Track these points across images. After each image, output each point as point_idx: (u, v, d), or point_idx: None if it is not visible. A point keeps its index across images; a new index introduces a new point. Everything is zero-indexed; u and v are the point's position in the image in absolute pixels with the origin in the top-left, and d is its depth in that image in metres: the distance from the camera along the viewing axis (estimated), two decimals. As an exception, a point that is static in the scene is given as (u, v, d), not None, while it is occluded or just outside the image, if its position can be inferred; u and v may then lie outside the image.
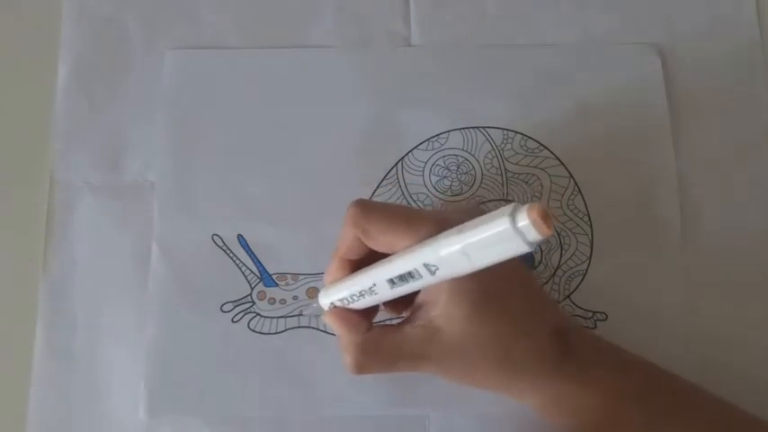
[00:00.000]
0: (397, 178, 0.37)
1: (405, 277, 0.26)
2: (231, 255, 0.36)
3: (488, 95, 0.39)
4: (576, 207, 0.37)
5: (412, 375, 0.34)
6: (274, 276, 0.36)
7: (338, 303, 0.30)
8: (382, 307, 0.31)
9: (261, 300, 0.36)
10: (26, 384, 0.35)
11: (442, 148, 0.38)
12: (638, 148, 0.38)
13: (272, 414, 0.35)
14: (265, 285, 0.36)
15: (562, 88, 0.39)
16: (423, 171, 0.38)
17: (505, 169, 0.38)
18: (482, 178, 0.37)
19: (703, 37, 0.40)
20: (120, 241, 0.37)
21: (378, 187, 0.37)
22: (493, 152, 0.38)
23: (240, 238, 0.37)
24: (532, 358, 0.29)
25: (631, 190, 0.37)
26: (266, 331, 0.35)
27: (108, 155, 0.38)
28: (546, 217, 0.20)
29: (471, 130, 0.38)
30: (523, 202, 0.22)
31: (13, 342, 0.36)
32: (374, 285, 0.27)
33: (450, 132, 0.38)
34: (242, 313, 0.36)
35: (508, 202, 0.37)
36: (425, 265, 0.25)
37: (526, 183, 0.37)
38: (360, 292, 0.28)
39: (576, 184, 0.37)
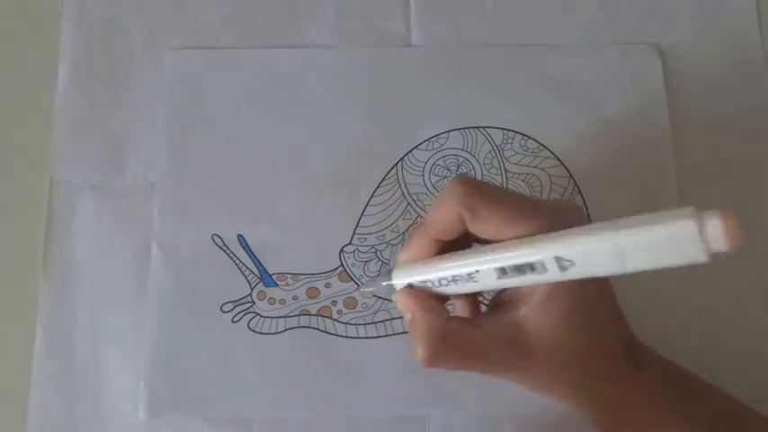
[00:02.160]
0: (397, 178, 0.37)
1: (523, 268, 0.23)
2: (231, 255, 0.36)
3: (488, 95, 0.39)
4: (576, 207, 0.37)
5: (411, 375, 0.35)
6: (274, 276, 0.36)
7: (417, 285, 0.27)
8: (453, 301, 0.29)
9: (261, 300, 0.36)
10: (26, 384, 0.35)
11: (442, 148, 0.38)
12: (638, 148, 0.38)
13: (272, 414, 0.35)
14: (265, 285, 0.36)
15: (562, 88, 0.39)
16: (423, 171, 0.38)
17: (505, 169, 0.38)
18: (482, 178, 0.37)
19: (703, 37, 0.40)
20: (120, 241, 0.37)
21: (378, 187, 0.37)
22: (493, 152, 0.38)
23: (240, 238, 0.37)
24: (607, 370, 0.27)
25: (631, 190, 0.37)
26: (266, 331, 0.35)
27: (108, 155, 0.38)
28: (738, 227, 0.19)
29: (471, 130, 0.38)
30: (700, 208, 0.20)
31: (13, 342, 0.36)
32: (476, 272, 0.25)
33: (451, 132, 0.38)
34: (242, 313, 0.36)
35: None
36: (557, 258, 0.22)
37: (526, 183, 0.37)
38: (453, 277, 0.26)
39: (575, 184, 0.37)
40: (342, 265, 0.36)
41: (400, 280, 0.28)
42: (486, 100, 0.38)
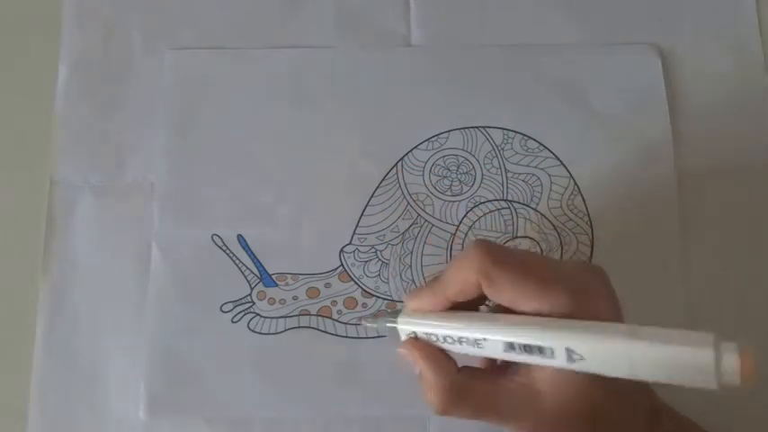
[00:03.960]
0: (397, 178, 0.37)
1: (531, 349, 0.24)
2: (231, 255, 0.36)
3: (488, 95, 0.39)
4: (575, 207, 0.37)
5: (411, 375, 0.35)
6: (274, 276, 0.36)
7: (422, 336, 0.27)
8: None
9: (261, 300, 0.36)
10: (26, 384, 0.35)
11: (442, 147, 0.38)
12: (638, 148, 0.38)
13: (272, 414, 0.35)
14: (265, 285, 0.36)
15: (562, 88, 0.39)
16: (423, 171, 0.38)
17: (505, 169, 0.38)
18: (482, 178, 0.37)
19: (703, 37, 0.40)
20: (120, 241, 0.37)
21: (378, 187, 0.37)
22: (493, 152, 0.38)
23: (240, 238, 0.37)
24: None
25: (631, 190, 0.37)
26: (266, 331, 0.35)
27: (108, 155, 0.38)
28: (754, 366, 0.19)
29: (471, 130, 0.38)
30: (724, 337, 0.20)
31: (13, 342, 0.36)
32: (484, 340, 0.25)
33: (451, 132, 0.38)
34: (242, 313, 0.36)
35: (508, 201, 0.37)
36: (568, 350, 0.23)
37: (526, 183, 0.37)
38: (459, 338, 0.26)
39: (575, 184, 0.37)
40: (342, 265, 0.36)
41: (405, 326, 0.28)
42: (486, 100, 0.38)
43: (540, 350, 0.23)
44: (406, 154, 0.38)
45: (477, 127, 0.38)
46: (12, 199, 0.38)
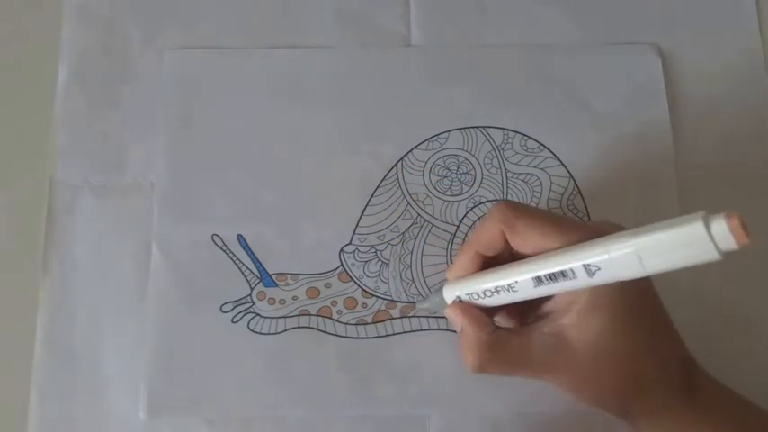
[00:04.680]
0: (397, 178, 0.37)
1: (555, 276, 0.26)
2: (231, 255, 0.36)
3: (488, 95, 0.39)
4: (575, 207, 0.37)
5: (411, 375, 0.35)
6: (274, 276, 0.36)
7: (465, 298, 0.30)
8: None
9: (261, 300, 0.36)
10: (26, 384, 0.35)
11: (442, 147, 0.38)
12: (639, 147, 0.38)
13: (272, 414, 0.35)
14: (265, 285, 0.36)
15: (562, 88, 0.39)
16: (423, 171, 0.38)
17: (505, 169, 0.38)
18: (482, 178, 0.37)
19: (703, 37, 0.40)
20: (120, 241, 0.37)
21: (378, 187, 0.37)
22: (493, 152, 0.38)
23: (240, 238, 0.37)
24: (659, 383, 0.28)
25: (631, 190, 0.37)
26: (266, 331, 0.35)
27: (108, 155, 0.38)
28: (745, 226, 0.20)
29: (471, 130, 0.38)
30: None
31: (13, 342, 0.36)
32: (515, 282, 0.27)
33: (451, 132, 0.38)
34: (242, 313, 0.36)
35: (508, 201, 0.37)
36: (585, 266, 0.25)
37: (526, 183, 0.37)
38: (495, 288, 0.28)
39: (575, 184, 0.37)
40: (342, 265, 0.36)
41: (450, 293, 0.31)
42: (486, 100, 0.38)
43: (564, 274, 0.26)
44: (406, 154, 0.38)
45: (477, 127, 0.38)
46: (12, 199, 0.38)
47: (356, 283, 0.36)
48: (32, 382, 0.35)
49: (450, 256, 0.36)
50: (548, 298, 0.29)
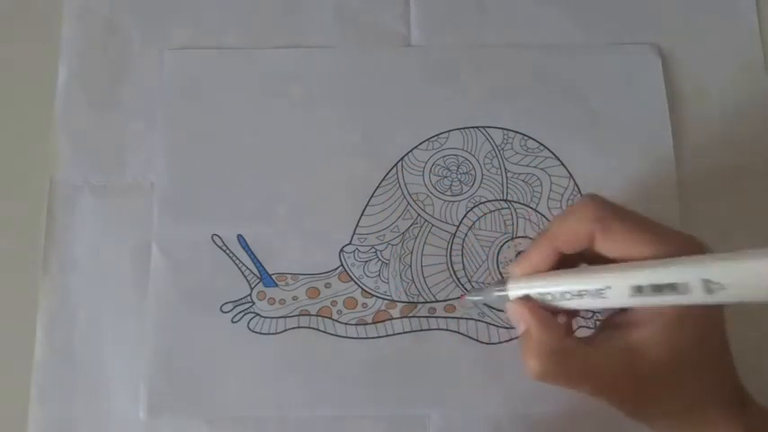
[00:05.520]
0: (397, 178, 0.37)
1: (662, 288, 0.23)
2: (231, 255, 0.36)
3: (488, 95, 0.39)
4: (576, 207, 0.37)
5: (412, 374, 0.35)
6: (274, 276, 0.36)
7: (536, 297, 0.27)
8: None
9: (261, 300, 0.36)
10: (26, 384, 0.35)
11: (442, 147, 0.38)
12: (638, 148, 0.38)
13: (272, 414, 0.35)
14: (265, 285, 0.36)
15: (562, 88, 0.39)
16: (423, 171, 0.38)
17: (505, 169, 0.38)
18: (482, 178, 0.37)
19: (703, 37, 0.40)
20: (120, 241, 0.37)
21: (378, 187, 0.37)
22: (493, 152, 0.38)
23: (240, 238, 0.37)
24: (719, 409, 0.26)
25: (631, 190, 0.37)
26: (266, 331, 0.35)
27: (108, 155, 0.38)
28: None
29: (471, 130, 0.38)
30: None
31: (13, 342, 0.36)
32: (607, 288, 0.24)
33: (451, 132, 0.38)
34: (242, 313, 0.36)
35: (508, 201, 0.37)
36: (705, 281, 0.22)
37: (526, 183, 0.37)
38: (579, 292, 0.25)
39: (575, 184, 0.37)
40: (342, 265, 0.36)
41: (518, 290, 0.27)
42: (486, 100, 0.38)
43: (673, 287, 0.23)
44: (406, 154, 0.38)
45: (477, 127, 0.38)
46: (12, 199, 0.38)
47: (356, 283, 0.36)
48: (32, 382, 0.35)
49: (451, 256, 0.36)
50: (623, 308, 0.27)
